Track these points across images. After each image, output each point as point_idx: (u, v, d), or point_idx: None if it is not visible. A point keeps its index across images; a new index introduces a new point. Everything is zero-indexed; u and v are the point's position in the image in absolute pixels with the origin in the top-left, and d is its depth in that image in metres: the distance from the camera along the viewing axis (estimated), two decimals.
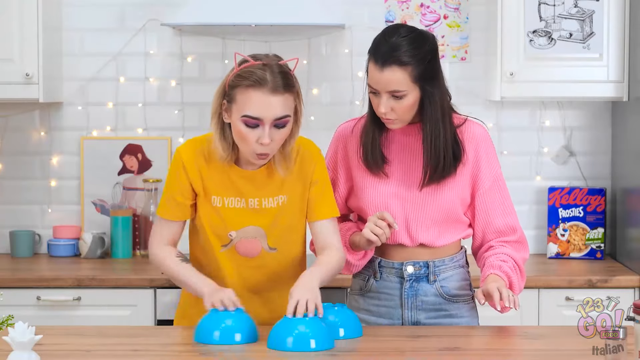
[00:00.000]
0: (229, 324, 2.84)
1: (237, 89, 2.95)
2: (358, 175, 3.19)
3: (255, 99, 2.92)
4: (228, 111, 2.99)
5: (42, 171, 4.70)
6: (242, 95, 2.94)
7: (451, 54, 4.64)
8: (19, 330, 2.54)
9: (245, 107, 2.93)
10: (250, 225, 3.07)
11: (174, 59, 4.68)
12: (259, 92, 2.92)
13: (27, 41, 4.33)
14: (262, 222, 3.07)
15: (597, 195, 4.55)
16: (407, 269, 3.15)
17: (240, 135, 2.95)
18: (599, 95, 4.37)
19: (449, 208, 3.13)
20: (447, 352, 2.79)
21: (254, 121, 2.92)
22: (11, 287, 4.12)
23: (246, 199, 3.06)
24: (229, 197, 3.06)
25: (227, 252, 3.08)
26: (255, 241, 3.07)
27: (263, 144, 2.93)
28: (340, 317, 2.91)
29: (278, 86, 2.92)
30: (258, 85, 2.92)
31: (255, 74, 2.92)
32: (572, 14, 4.32)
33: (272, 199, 3.07)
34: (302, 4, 4.33)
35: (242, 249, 3.08)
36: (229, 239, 3.07)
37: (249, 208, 3.06)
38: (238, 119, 2.94)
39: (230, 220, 3.06)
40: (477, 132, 3.17)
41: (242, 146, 2.98)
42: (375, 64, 3.02)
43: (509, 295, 2.96)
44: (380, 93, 3.03)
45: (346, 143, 3.22)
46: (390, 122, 3.08)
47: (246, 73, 2.94)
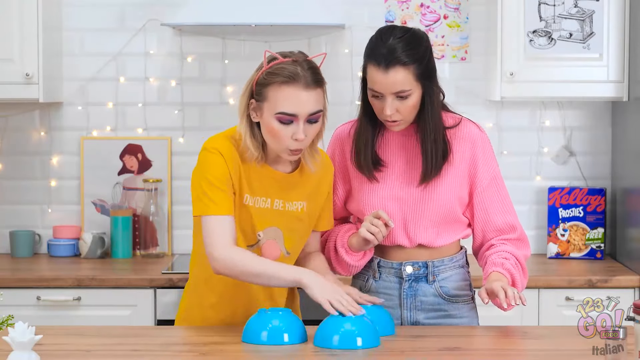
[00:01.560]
0: (276, 324, 2.84)
1: (269, 87, 2.93)
2: (355, 178, 3.19)
3: (289, 95, 2.90)
4: (257, 110, 2.96)
5: (42, 171, 4.70)
6: (275, 92, 2.92)
7: (451, 54, 4.64)
8: (19, 330, 2.54)
9: (279, 104, 2.91)
10: (272, 225, 3.06)
11: (174, 59, 4.68)
12: (293, 88, 2.90)
13: (27, 41, 4.33)
14: (283, 224, 3.06)
15: (597, 195, 4.55)
16: (406, 269, 3.16)
17: (273, 132, 2.93)
18: (599, 95, 4.37)
19: (447, 208, 3.13)
20: (447, 352, 2.79)
21: (288, 117, 2.91)
22: (11, 287, 4.12)
23: (272, 199, 3.04)
24: (258, 197, 3.03)
25: None
26: (276, 243, 3.07)
27: (298, 139, 2.92)
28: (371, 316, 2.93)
29: (310, 82, 2.92)
30: (292, 81, 2.90)
31: (287, 69, 2.91)
32: (572, 14, 4.32)
33: (294, 203, 3.06)
34: (302, 4, 4.33)
35: (266, 251, 3.05)
36: (256, 239, 3.04)
37: (274, 209, 3.05)
38: (271, 116, 2.92)
39: (258, 219, 3.04)
40: (473, 131, 3.17)
41: (274, 143, 2.96)
42: (378, 67, 3.01)
43: (513, 293, 2.96)
44: (384, 96, 3.03)
45: (343, 145, 3.22)
46: (394, 125, 3.08)
47: (278, 70, 2.92)
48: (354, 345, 2.78)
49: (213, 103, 4.67)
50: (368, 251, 3.18)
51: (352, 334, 2.79)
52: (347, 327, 2.79)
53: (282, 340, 2.83)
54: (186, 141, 4.66)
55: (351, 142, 3.19)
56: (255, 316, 2.87)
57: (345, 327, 2.79)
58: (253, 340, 2.84)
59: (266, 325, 2.84)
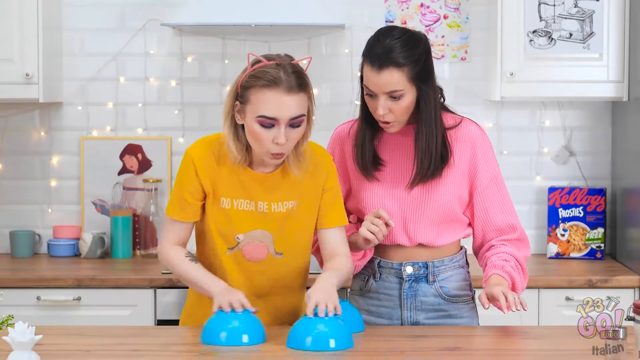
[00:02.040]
0: (236, 325, 2.84)
1: (251, 90, 2.93)
2: (354, 177, 3.19)
3: (270, 99, 2.90)
4: (241, 112, 2.97)
5: (42, 171, 4.70)
6: (256, 95, 2.91)
7: (451, 54, 4.64)
8: (19, 330, 2.54)
9: (260, 107, 2.91)
10: (258, 228, 3.05)
11: (174, 59, 4.68)
12: (274, 92, 2.90)
13: (27, 41, 4.33)
14: (270, 226, 3.05)
15: (597, 195, 4.55)
16: (406, 270, 3.16)
17: (255, 135, 2.93)
18: (599, 95, 4.37)
19: (447, 207, 3.13)
20: (447, 352, 2.79)
21: (269, 121, 2.91)
22: (11, 287, 4.12)
23: (256, 202, 3.04)
24: (238, 199, 3.04)
25: (233, 255, 3.06)
26: (261, 245, 3.06)
27: (279, 143, 2.91)
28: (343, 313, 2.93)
29: (292, 86, 2.90)
30: (273, 85, 2.90)
31: (270, 73, 2.91)
32: (572, 14, 4.32)
33: (282, 204, 3.05)
34: (302, 4, 4.33)
35: (248, 253, 3.06)
36: (235, 242, 3.05)
37: (258, 211, 3.04)
38: (253, 119, 2.92)
39: (239, 223, 3.04)
40: (473, 130, 3.17)
41: (256, 146, 2.96)
42: (372, 67, 3.02)
43: (514, 298, 2.96)
44: (377, 95, 3.04)
45: (343, 145, 3.22)
46: (388, 126, 3.08)
47: (260, 73, 2.92)
48: (327, 347, 2.77)
49: (213, 103, 4.67)
50: (368, 251, 3.18)
51: (325, 335, 2.78)
52: (320, 328, 2.79)
53: (240, 341, 2.83)
54: (186, 141, 4.66)
55: (351, 141, 3.19)
56: (215, 317, 2.88)
57: (319, 329, 2.79)
58: (211, 341, 2.84)
59: (226, 325, 2.85)
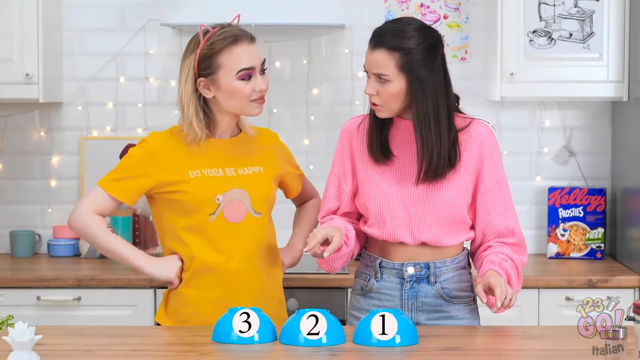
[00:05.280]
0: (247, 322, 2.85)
1: (217, 55, 3.11)
2: (362, 172, 3.19)
3: (241, 52, 3.11)
4: (211, 85, 3.13)
5: (42, 171, 4.70)
6: (227, 55, 3.11)
7: (451, 54, 4.64)
8: (19, 330, 2.54)
9: (236, 63, 3.11)
10: (235, 187, 3.17)
11: (174, 59, 4.68)
12: (242, 46, 3.12)
13: (27, 41, 4.33)
14: (244, 185, 3.18)
15: (597, 195, 4.55)
16: (408, 270, 3.15)
17: (237, 92, 3.11)
18: (599, 95, 4.37)
19: (453, 207, 3.12)
20: (447, 352, 2.79)
21: (248, 72, 3.11)
22: (11, 287, 4.12)
23: (223, 168, 3.18)
24: (205, 169, 3.16)
25: (216, 222, 3.14)
26: (240, 204, 3.17)
27: (262, 90, 3.13)
28: None
29: (250, 36, 3.16)
30: (238, 40, 3.12)
31: (229, 31, 3.14)
32: (572, 14, 4.32)
33: (248, 168, 3.21)
34: (302, 4, 4.33)
35: (229, 214, 3.16)
36: (216, 205, 3.14)
37: (228, 176, 3.17)
38: (233, 79, 3.10)
39: (213, 186, 3.15)
40: (482, 131, 3.16)
41: (237, 103, 3.14)
42: (369, 43, 3.09)
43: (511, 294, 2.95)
44: (369, 74, 3.08)
45: (352, 140, 3.22)
46: (377, 109, 3.10)
47: (220, 36, 3.13)
48: (319, 342, 2.79)
49: None
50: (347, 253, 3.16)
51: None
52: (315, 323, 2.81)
53: (252, 340, 2.83)
54: None
55: (360, 135, 3.20)
56: (225, 315, 2.89)
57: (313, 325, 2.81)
58: (223, 339, 2.85)
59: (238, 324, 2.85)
